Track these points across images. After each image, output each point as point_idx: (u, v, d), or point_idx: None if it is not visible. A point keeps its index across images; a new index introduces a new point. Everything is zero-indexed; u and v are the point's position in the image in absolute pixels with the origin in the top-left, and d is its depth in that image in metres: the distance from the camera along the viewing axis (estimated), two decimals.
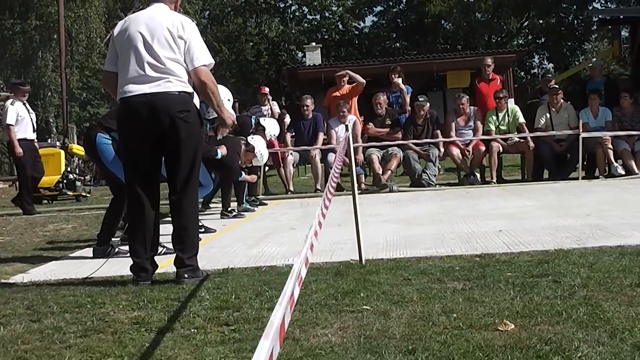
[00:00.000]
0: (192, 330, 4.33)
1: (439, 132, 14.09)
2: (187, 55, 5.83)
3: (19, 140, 13.31)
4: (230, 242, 8.00)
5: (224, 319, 4.52)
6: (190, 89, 5.90)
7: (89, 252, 7.58)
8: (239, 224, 9.69)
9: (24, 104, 13.74)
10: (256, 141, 11.06)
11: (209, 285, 5.54)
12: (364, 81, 14.56)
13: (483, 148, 13.88)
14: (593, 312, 4.21)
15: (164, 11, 5.97)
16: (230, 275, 5.91)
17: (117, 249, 7.33)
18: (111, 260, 6.88)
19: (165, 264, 6.28)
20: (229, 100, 9.43)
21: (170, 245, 6.19)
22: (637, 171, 13.27)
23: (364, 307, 4.61)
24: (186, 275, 5.74)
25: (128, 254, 6.08)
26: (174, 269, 5.85)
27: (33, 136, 13.80)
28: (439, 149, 13.92)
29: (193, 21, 6.18)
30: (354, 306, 4.66)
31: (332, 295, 4.94)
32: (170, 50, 5.80)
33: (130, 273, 5.89)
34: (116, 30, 6.08)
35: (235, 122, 6.68)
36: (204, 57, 5.89)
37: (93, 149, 7.44)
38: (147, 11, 6.05)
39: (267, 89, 16.22)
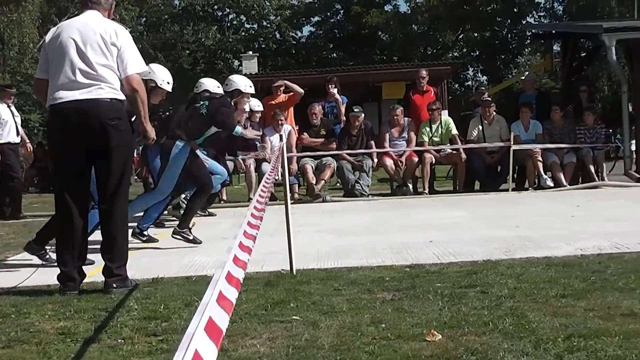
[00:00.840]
0: (119, 340, 4.28)
1: (373, 142, 14.15)
2: (120, 63, 5.78)
3: (2, 144, 13.00)
4: (161, 251, 7.94)
5: (152, 330, 4.48)
6: (122, 96, 5.84)
7: (15, 261, 7.45)
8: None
9: (9, 106, 13.39)
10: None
11: (138, 295, 5.49)
12: (302, 91, 14.56)
13: (416, 159, 13.99)
14: (519, 322, 4.27)
15: (97, 18, 5.92)
16: (160, 285, 5.87)
17: (47, 255, 7.18)
18: (39, 269, 6.77)
19: (94, 273, 6.20)
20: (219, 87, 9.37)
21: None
22: (565, 183, 13.49)
23: (294, 317, 4.62)
24: (115, 285, 5.68)
25: (56, 263, 5.99)
26: (103, 279, 5.78)
27: (17, 139, 13.44)
28: (373, 160, 13.98)
29: (127, 29, 6.14)
30: (284, 316, 4.66)
31: (262, 306, 4.94)
32: (102, 56, 5.75)
33: (58, 282, 5.80)
34: (48, 37, 6.00)
35: (154, 139, 6.48)
36: (137, 65, 5.86)
37: None
38: (80, 18, 5.99)
39: None
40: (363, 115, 14.24)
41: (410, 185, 14.21)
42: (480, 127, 14.24)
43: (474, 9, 46.88)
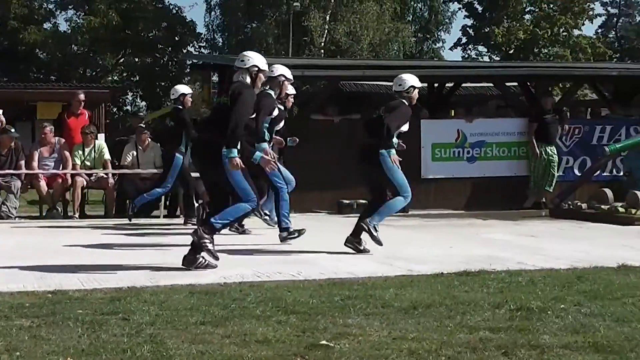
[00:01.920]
0: None
1: (22, 163, 13.66)
2: None
3: None
4: None
5: None
6: None
7: None
8: None
9: None
10: None
11: None
12: None
13: (67, 182, 13.70)
14: (157, 349, 4.34)
15: None
16: None
17: (206, 262, 7.35)
18: None
19: None
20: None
21: None
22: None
23: None
24: None
25: None
26: None
27: None
28: (22, 181, 13.51)
29: None
30: None
31: None
32: None
33: None
34: None
35: None
36: None
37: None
38: None
39: None
40: (16, 135, 13.74)
41: (60, 209, 13.87)
42: (135, 153, 14.24)
43: (135, 33, 46.89)
